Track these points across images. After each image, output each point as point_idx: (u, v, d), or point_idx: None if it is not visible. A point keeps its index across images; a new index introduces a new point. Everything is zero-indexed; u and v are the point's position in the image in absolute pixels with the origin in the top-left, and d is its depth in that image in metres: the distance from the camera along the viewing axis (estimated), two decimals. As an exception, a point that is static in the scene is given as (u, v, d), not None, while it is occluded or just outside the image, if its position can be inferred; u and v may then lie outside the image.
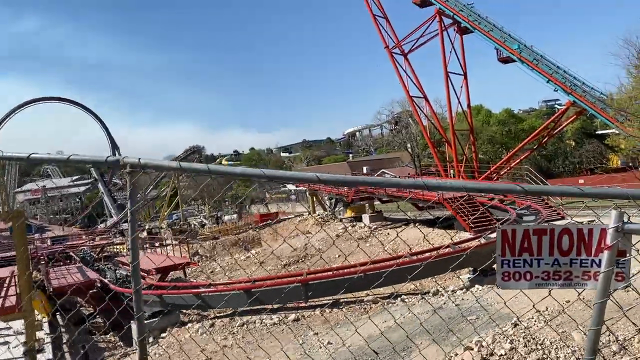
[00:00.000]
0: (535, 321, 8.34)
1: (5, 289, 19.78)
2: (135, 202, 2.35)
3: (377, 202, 39.64)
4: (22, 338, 15.88)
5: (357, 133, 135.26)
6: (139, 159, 2.26)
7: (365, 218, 37.31)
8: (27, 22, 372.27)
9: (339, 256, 24.99)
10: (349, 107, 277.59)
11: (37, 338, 18.50)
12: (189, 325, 17.80)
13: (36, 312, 19.58)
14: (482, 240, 17.28)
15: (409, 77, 41.92)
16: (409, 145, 67.27)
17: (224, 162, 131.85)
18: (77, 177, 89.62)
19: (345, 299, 16.53)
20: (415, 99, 42.91)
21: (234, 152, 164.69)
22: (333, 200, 43.48)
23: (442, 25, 40.24)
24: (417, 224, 32.32)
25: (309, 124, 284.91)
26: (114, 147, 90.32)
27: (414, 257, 17.11)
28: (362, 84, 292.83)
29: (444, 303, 14.09)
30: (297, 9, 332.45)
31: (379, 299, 16.00)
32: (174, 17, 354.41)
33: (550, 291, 2.68)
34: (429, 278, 16.72)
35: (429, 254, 17.41)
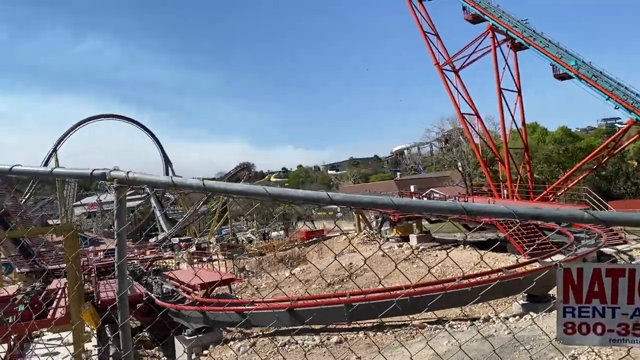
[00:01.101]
0: (596, 355, 7.66)
1: (56, 300, 20.35)
2: (123, 222, 2.09)
3: (425, 222, 38.68)
4: (72, 349, 16.18)
5: (405, 151, 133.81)
6: (128, 173, 2.03)
7: (413, 238, 36.43)
8: (87, 44, 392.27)
9: (384, 277, 24.34)
10: (397, 125, 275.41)
11: (85, 349, 18.88)
12: (231, 343, 17.67)
13: (86, 323, 20.04)
14: (537, 265, 16.39)
15: (460, 93, 41.04)
16: (459, 164, 65.74)
17: (272, 179, 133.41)
18: (131, 191, 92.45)
19: (391, 322, 15.96)
20: (466, 116, 41.93)
21: (282, 169, 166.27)
22: (379, 219, 42.79)
23: (495, 42, 39.27)
24: (467, 245, 31.25)
25: (357, 141, 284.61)
26: (167, 162, 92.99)
27: (464, 281, 16.38)
28: (411, 102, 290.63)
29: (495, 330, 13.33)
30: (346, 28, 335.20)
31: (425, 323, 15.35)
32: (226, 36, 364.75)
33: (629, 350, 2.12)
34: (479, 304, 15.93)
35: (479, 278, 16.67)
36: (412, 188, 50.09)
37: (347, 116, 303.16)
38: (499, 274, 16.75)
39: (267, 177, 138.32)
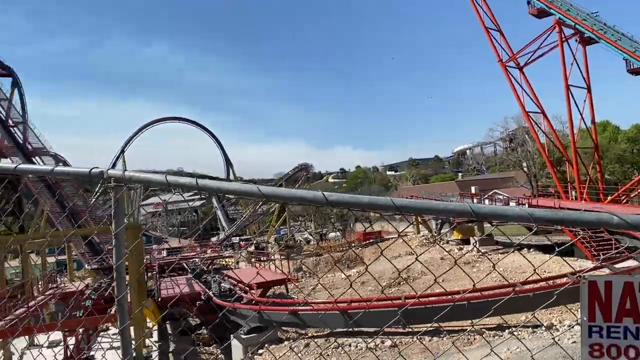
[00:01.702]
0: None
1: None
2: (120, 222, 2.05)
3: (487, 225, 37.50)
4: (133, 344, 16.85)
5: (468, 151, 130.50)
6: (124, 171, 1.99)
7: (474, 241, 35.46)
8: (155, 48, 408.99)
9: (442, 281, 23.78)
10: (459, 124, 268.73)
11: (146, 345, 19.58)
12: (286, 342, 17.79)
13: (148, 319, 20.80)
14: (606, 271, 15.42)
15: (525, 91, 39.46)
16: (524, 164, 63.31)
17: (330, 179, 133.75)
18: (194, 191, 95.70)
19: (448, 327, 15.52)
20: (531, 114, 40.28)
21: (340, 170, 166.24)
22: (439, 221, 41.91)
23: (562, 36, 37.49)
24: (531, 249, 30.04)
25: (417, 141, 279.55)
26: (228, 164, 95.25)
27: (526, 287, 15.70)
28: (473, 100, 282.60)
29: (559, 339, 12.66)
30: (403, 26, 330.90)
31: (484, 329, 14.81)
32: (287, 39, 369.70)
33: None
34: (543, 310, 15.21)
35: (543, 283, 15.92)
36: (473, 189, 48.71)
37: (408, 116, 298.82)
38: (564, 279, 15.95)
39: (325, 177, 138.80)
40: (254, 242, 60.09)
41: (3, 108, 49.56)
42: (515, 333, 14.28)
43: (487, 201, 41.02)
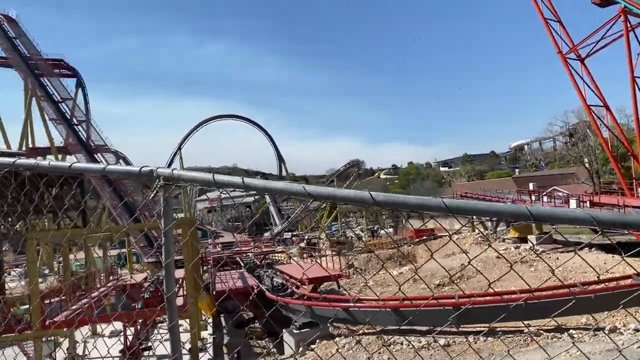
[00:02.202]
0: None
1: (177, 289, 21.89)
2: (169, 220, 2.07)
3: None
4: (188, 336, 17.29)
5: (526, 146, 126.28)
6: (173, 170, 2.02)
7: (532, 239, 34.26)
8: (211, 47, 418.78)
9: (498, 280, 23.11)
10: (516, 119, 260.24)
11: (201, 337, 20.09)
12: (337, 339, 17.81)
13: (203, 312, 21.34)
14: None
15: (587, 84, 37.67)
16: (586, 160, 60.62)
17: (381, 175, 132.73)
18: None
19: (503, 328, 15.10)
20: (594, 108, 38.39)
21: (392, 166, 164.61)
22: (495, 219, 40.76)
23: (628, 25, 35.51)
24: (593, 248, 28.72)
25: (471, 136, 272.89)
26: (280, 160, 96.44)
27: (587, 287, 15.04)
28: (531, 93, 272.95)
29: (623, 343, 12.07)
30: (456, 17, 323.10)
31: (541, 331, 14.31)
32: (340, 36, 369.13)
33: None
34: (605, 313, 14.50)
35: (605, 284, 15.20)
36: (531, 186, 47.05)
37: (462, 111, 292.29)
38: (629, 280, 15.16)
39: (376, 174, 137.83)
40: (306, 237, 60.52)
41: (68, 107, 52.00)
42: (575, 336, 13.73)
43: (545, 198, 39.54)
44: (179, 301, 19.84)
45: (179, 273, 25.13)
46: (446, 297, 17.71)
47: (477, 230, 42.38)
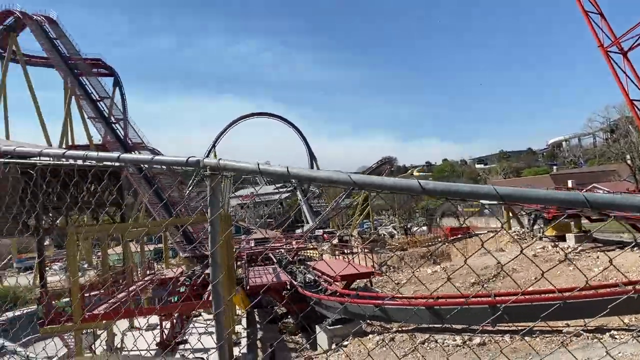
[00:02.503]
0: None
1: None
2: (216, 210, 2.07)
3: (584, 221, 35.11)
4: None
5: (564, 143, 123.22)
6: (219, 160, 2.03)
7: (570, 238, 33.27)
8: (243, 46, 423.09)
9: (535, 279, 22.58)
10: (554, 114, 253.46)
11: (235, 331, 20.35)
12: (370, 336, 17.73)
13: (237, 307, 21.60)
14: None
15: (630, 78, 36.41)
16: (628, 157, 58.66)
17: (415, 173, 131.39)
18: (280, 184, 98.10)
19: (541, 328, 14.75)
20: (636, 102, 37.14)
21: (425, 163, 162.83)
22: (532, 216, 39.84)
23: (674, 16, 34.18)
24: (636, 248, 27.76)
25: (507, 133, 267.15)
26: (312, 157, 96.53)
27: (629, 287, 14.55)
28: (569, 88, 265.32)
29: (669, 346, 11.63)
30: (493, 15, 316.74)
31: (581, 331, 13.91)
32: (373, 32, 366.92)
33: None
34: (649, 314, 14.00)
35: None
36: (569, 183, 45.83)
37: (498, 106, 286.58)
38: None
39: (409, 171, 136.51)
40: (338, 234, 60.52)
41: (106, 105, 53.28)
42: (617, 337, 13.31)
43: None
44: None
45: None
46: (482, 296, 17.42)
47: (513, 229, 41.55)
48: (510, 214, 42.41)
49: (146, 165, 2.49)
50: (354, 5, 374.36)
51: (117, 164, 2.45)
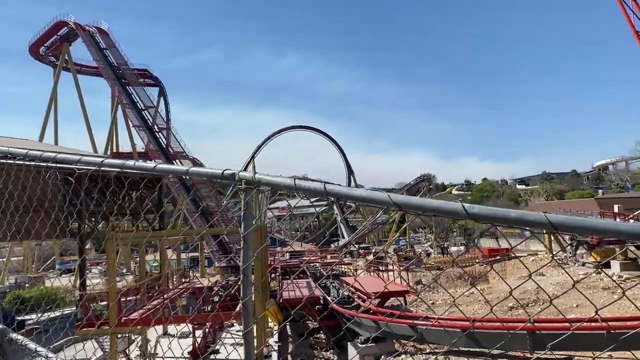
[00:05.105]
0: None
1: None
2: (249, 225, 2.02)
3: (631, 247, 33.69)
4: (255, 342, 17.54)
5: (610, 166, 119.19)
6: (255, 173, 1.98)
7: (615, 265, 32.02)
8: (288, 60, 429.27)
9: (576, 306, 21.72)
10: (601, 136, 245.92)
11: (267, 344, 20.29)
12: (403, 356, 17.39)
13: (269, 319, 21.55)
14: None
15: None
16: (679, 182, 56.24)
17: (453, 191, 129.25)
18: (316, 198, 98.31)
19: (582, 357, 14.15)
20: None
21: (465, 181, 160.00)
22: (575, 241, 38.50)
23: None
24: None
25: (551, 154, 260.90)
26: (350, 172, 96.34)
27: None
28: (618, 110, 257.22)
29: None
30: (537, 32, 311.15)
31: (624, 364, 13.23)
32: (415, 48, 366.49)
33: None
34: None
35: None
36: (615, 208, 44.13)
37: (542, 127, 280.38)
38: None
39: (448, 189, 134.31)
40: (373, 251, 59.96)
41: (150, 115, 54.68)
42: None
43: (631, 221, 36.83)
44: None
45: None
46: (520, 321, 16.86)
47: (554, 253, 40.22)
48: (552, 237, 41.09)
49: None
50: (394, 20, 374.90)
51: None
